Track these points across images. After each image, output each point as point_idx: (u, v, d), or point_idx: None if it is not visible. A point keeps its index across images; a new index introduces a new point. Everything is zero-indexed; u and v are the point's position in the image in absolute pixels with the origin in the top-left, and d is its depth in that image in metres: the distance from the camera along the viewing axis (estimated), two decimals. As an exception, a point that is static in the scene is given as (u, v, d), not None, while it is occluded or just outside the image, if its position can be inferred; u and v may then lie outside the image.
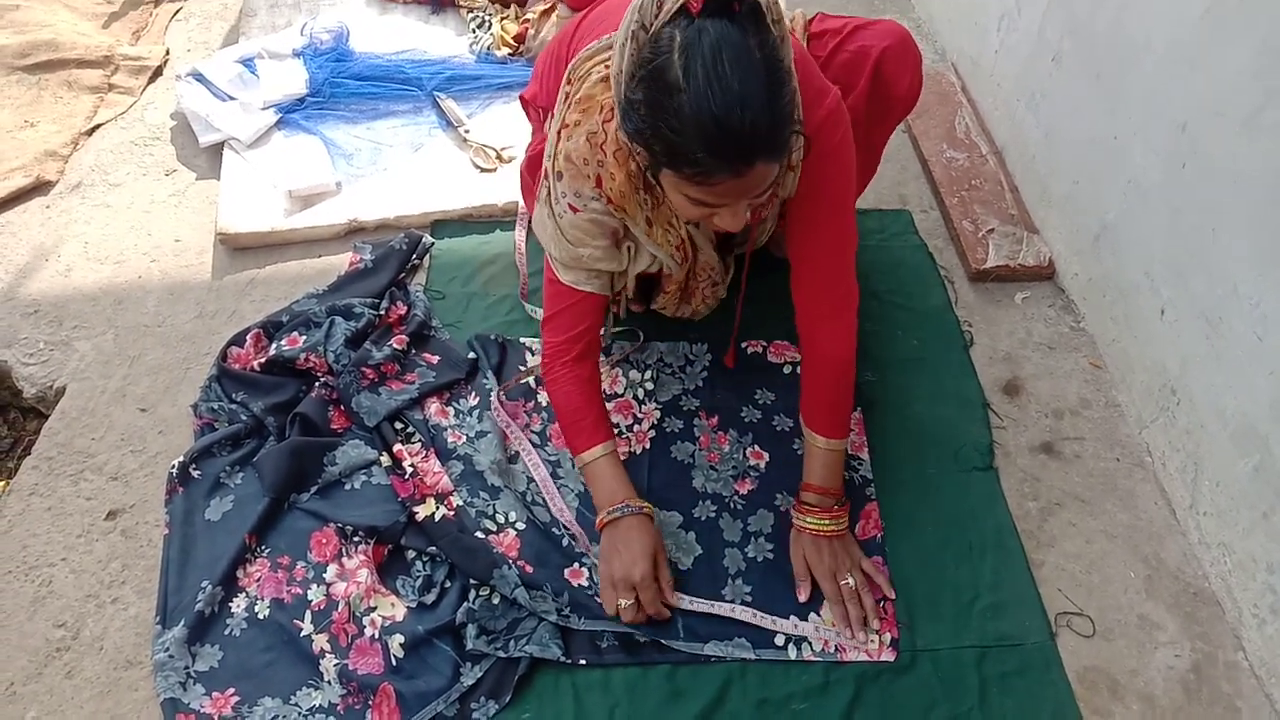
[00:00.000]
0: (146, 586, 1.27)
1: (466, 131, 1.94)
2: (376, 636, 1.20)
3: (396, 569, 1.29)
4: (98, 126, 2.02)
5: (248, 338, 1.52)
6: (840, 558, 1.26)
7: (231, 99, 1.97)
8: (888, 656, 1.21)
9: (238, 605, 1.24)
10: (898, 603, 1.26)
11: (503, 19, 2.21)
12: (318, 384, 1.46)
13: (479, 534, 1.30)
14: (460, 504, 1.33)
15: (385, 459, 1.39)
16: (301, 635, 1.21)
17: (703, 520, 1.35)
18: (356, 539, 1.30)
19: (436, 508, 1.32)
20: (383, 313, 1.57)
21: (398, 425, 1.44)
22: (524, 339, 1.58)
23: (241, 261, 1.72)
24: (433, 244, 1.75)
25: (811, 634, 1.23)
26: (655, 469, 1.41)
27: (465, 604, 1.22)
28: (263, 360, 1.48)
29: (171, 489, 1.34)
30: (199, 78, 2.01)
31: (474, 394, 1.50)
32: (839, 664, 1.20)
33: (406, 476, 1.36)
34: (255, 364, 1.48)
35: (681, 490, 1.39)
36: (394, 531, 1.29)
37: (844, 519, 1.29)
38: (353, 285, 1.64)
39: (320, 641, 1.20)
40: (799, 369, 1.40)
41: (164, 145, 1.97)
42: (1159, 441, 1.42)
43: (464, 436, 1.44)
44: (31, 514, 1.35)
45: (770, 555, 1.31)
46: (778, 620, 1.24)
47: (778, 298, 1.39)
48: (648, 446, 1.44)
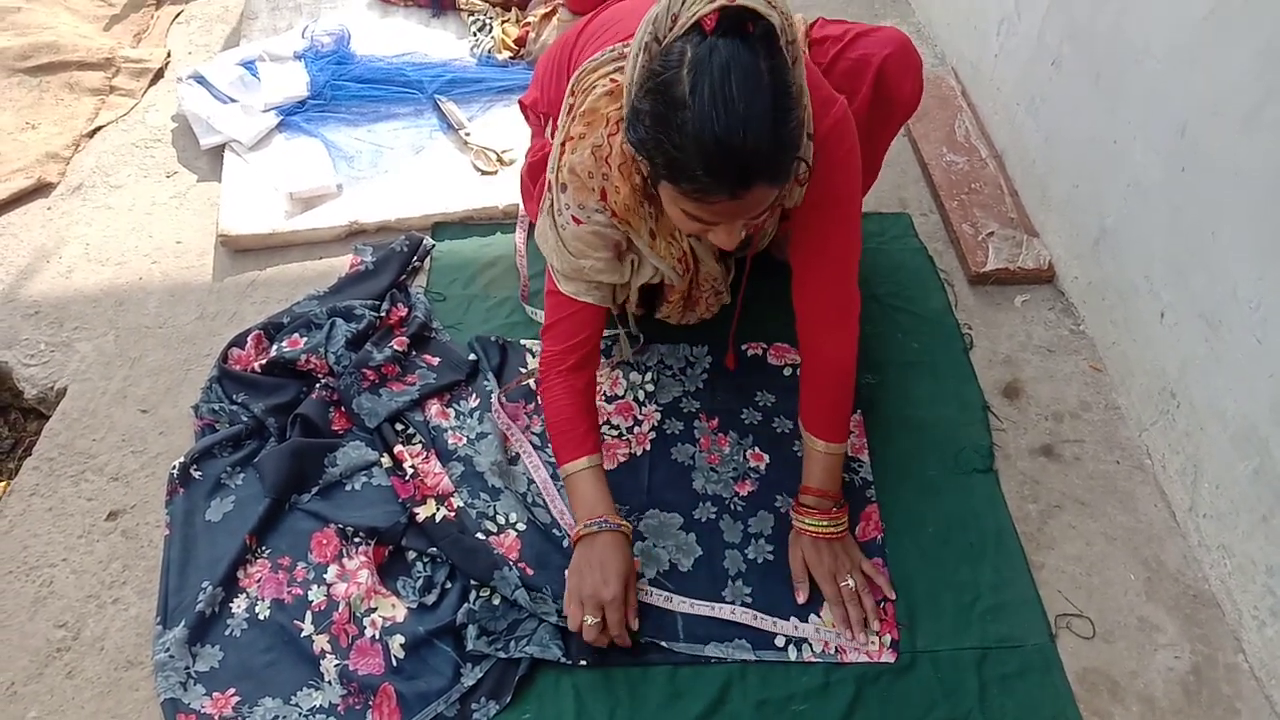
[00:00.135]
0: (147, 587, 1.27)
1: (467, 134, 1.94)
2: (377, 637, 1.20)
3: (397, 570, 1.29)
4: (99, 128, 2.02)
5: (249, 339, 1.53)
6: (840, 559, 1.26)
7: (233, 101, 1.98)
8: (888, 658, 1.21)
9: (238, 606, 1.24)
10: (898, 604, 1.26)
11: (503, 22, 2.22)
12: (318, 385, 1.47)
13: (479, 535, 1.30)
14: (461, 505, 1.33)
15: (386, 460, 1.39)
16: (302, 636, 1.21)
17: (703, 522, 1.35)
18: (357, 540, 1.30)
19: (437, 509, 1.32)
20: (383, 314, 1.58)
21: (398, 426, 1.44)
22: (524, 341, 1.58)
23: (242, 263, 1.73)
24: (433, 246, 1.75)
25: (812, 635, 1.23)
26: (656, 470, 1.41)
27: (466, 605, 1.22)
28: (263, 362, 1.48)
29: (172, 490, 1.35)
30: (200, 80, 2.01)
31: (475, 395, 1.50)
32: (839, 665, 1.20)
33: (407, 478, 1.36)
34: (256, 365, 1.48)
35: (682, 492, 1.39)
36: (394, 532, 1.30)
37: (843, 520, 1.29)
38: (354, 287, 1.65)
39: (321, 642, 1.20)
40: (799, 371, 1.40)
41: (165, 147, 1.98)
42: (1159, 444, 1.42)
43: (464, 438, 1.44)
44: (32, 514, 1.35)
45: (770, 557, 1.31)
46: (778, 622, 1.24)
47: (778, 300, 1.39)
48: (648, 448, 1.44)
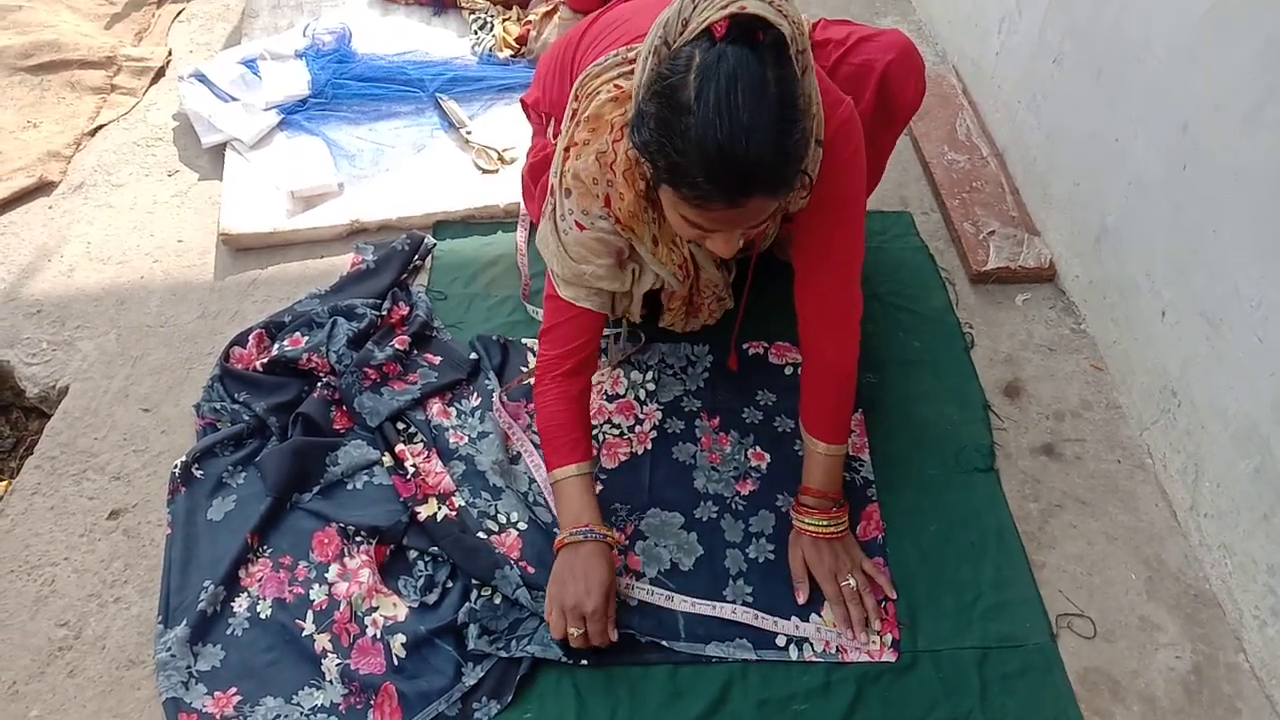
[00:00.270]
0: (149, 586, 1.27)
1: (468, 133, 1.94)
2: (378, 636, 1.20)
3: (398, 569, 1.29)
4: (100, 127, 2.02)
5: (250, 338, 1.53)
6: (841, 559, 1.26)
7: (234, 100, 1.98)
8: (889, 657, 1.21)
9: (240, 605, 1.24)
10: (899, 603, 1.26)
11: (505, 20, 2.22)
12: (320, 384, 1.47)
13: (481, 534, 1.30)
14: (462, 504, 1.33)
15: (387, 459, 1.39)
16: (303, 635, 1.21)
17: (704, 521, 1.35)
18: (358, 539, 1.30)
19: (438, 508, 1.32)
20: (385, 313, 1.58)
21: (400, 425, 1.44)
22: (526, 340, 1.58)
23: (244, 262, 1.73)
24: (435, 245, 1.75)
25: (813, 635, 1.23)
26: (657, 469, 1.41)
27: (467, 604, 1.22)
28: (265, 360, 1.48)
29: (174, 489, 1.35)
30: (201, 78, 2.01)
31: (476, 395, 1.50)
32: (840, 665, 1.20)
33: (408, 477, 1.36)
34: (258, 364, 1.48)
35: (683, 491, 1.39)
36: (396, 531, 1.30)
37: (843, 520, 1.29)
38: (355, 286, 1.65)
39: (322, 641, 1.20)
40: (800, 370, 1.40)
41: (166, 146, 1.98)
42: (1160, 443, 1.42)
43: (466, 437, 1.44)
44: (34, 513, 1.35)
45: (771, 556, 1.31)
46: (779, 621, 1.24)
47: (779, 299, 1.39)
48: (649, 447, 1.44)
